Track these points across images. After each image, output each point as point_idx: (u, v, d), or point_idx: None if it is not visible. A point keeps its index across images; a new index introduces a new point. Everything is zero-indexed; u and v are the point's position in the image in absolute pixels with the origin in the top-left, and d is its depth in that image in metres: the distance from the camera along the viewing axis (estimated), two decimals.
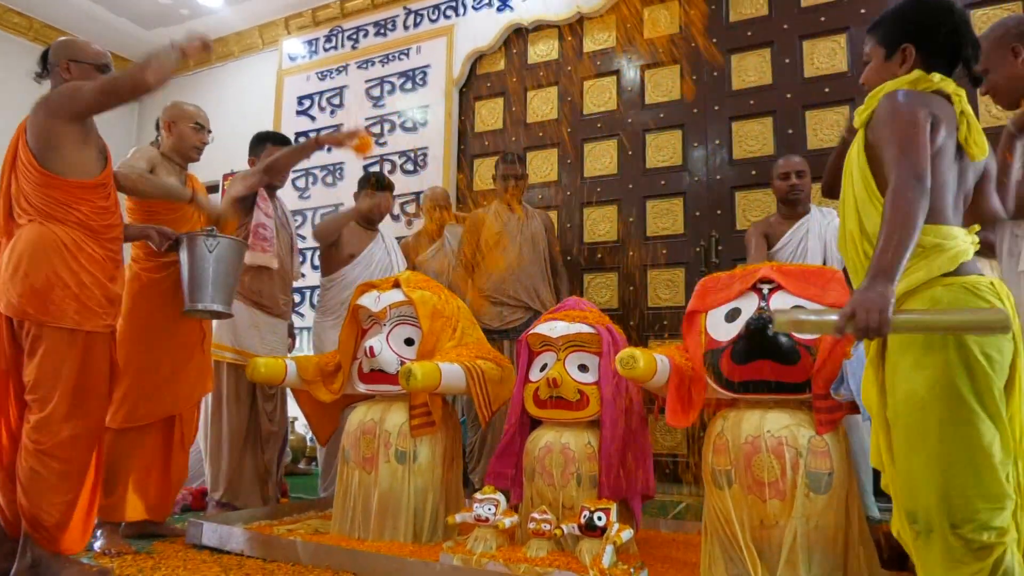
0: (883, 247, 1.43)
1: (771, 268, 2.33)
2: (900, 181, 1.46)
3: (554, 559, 2.19)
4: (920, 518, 1.44)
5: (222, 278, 2.63)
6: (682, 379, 2.32)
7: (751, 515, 2.10)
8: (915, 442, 1.46)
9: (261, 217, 3.24)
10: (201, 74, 6.43)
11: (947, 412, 1.42)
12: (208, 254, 2.59)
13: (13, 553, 2.21)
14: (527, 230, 3.84)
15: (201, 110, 2.99)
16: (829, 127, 3.90)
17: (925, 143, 1.49)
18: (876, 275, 1.41)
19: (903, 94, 1.55)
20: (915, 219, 1.42)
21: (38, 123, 2.25)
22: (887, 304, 1.37)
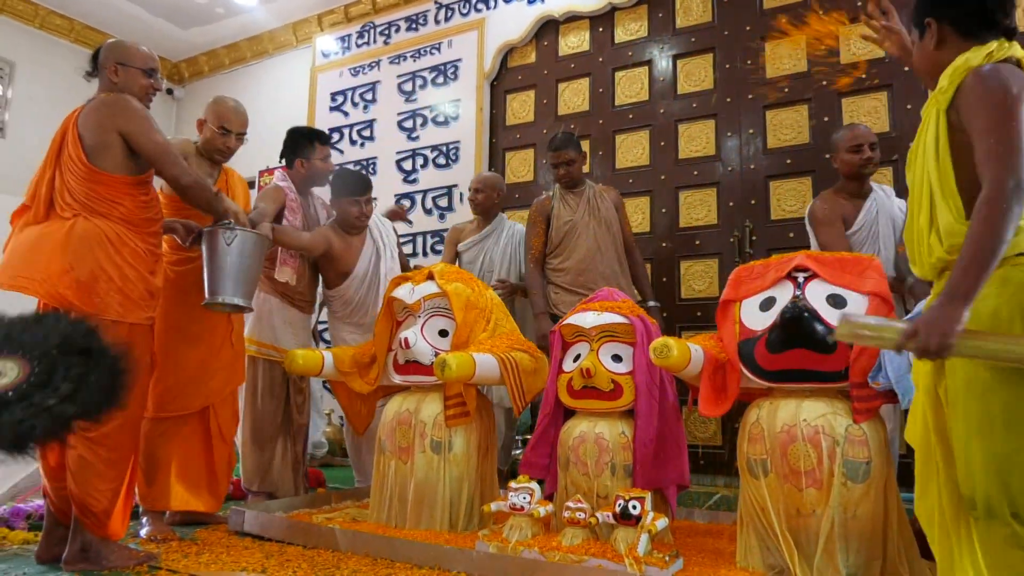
0: (965, 267, 1.36)
1: (806, 256, 2.32)
2: (997, 188, 1.36)
3: (589, 547, 2.20)
4: (979, 504, 1.40)
5: (241, 271, 2.64)
6: (716, 368, 2.32)
7: (787, 504, 2.10)
8: (975, 427, 1.41)
9: None
10: (236, 72, 6.54)
11: (1012, 398, 1.38)
12: (227, 247, 2.60)
13: (64, 539, 2.29)
14: (599, 214, 3.65)
15: (239, 112, 2.95)
16: (866, 114, 3.83)
17: None
18: (952, 296, 1.36)
19: (996, 72, 1.44)
20: (1005, 235, 1.34)
21: (96, 123, 2.32)
22: (954, 329, 1.33)
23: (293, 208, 3.28)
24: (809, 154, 3.93)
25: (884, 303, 2.17)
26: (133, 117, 2.34)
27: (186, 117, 6.73)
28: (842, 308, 2.18)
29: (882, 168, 3.77)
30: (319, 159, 3.43)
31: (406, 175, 5.25)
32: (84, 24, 6.20)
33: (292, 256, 3.26)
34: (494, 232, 3.95)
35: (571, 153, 3.65)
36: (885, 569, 2.04)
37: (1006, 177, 1.35)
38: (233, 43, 6.50)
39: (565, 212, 3.68)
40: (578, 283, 3.57)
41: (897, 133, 3.74)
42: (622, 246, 3.67)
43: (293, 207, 3.28)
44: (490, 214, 3.96)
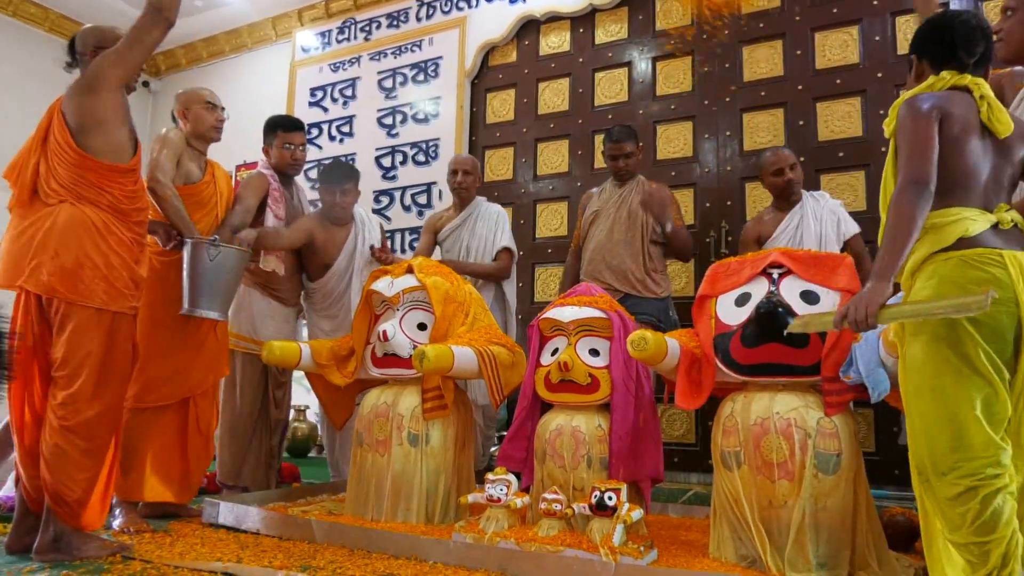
0: (882, 251, 1.65)
1: (781, 253, 2.36)
2: (898, 187, 1.65)
3: (565, 538, 2.22)
4: (920, 468, 1.63)
5: (221, 286, 2.69)
6: (692, 362, 2.35)
7: (760, 496, 2.14)
8: (912, 400, 1.66)
9: (272, 221, 3.28)
10: (214, 65, 6.48)
11: (935, 371, 1.60)
12: (209, 262, 2.64)
13: (34, 529, 2.25)
14: (624, 206, 3.55)
15: (211, 91, 3.04)
16: (840, 119, 3.91)
17: (928, 146, 1.65)
18: (874, 274, 1.64)
19: (914, 100, 1.72)
20: (910, 222, 1.60)
21: (78, 102, 2.29)
22: (876, 301, 1.60)
23: (276, 197, 3.27)
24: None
25: None
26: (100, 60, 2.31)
27: (163, 110, 6.65)
28: (815, 304, 2.23)
29: (854, 172, 3.86)
30: (279, 146, 3.38)
31: (385, 172, 5.24)
32: (59, 13, 6.11)
33: None
34: (471, 216, 3.84)
35: (629, 146, 3.57)
36: (854, 559, 2.08)
37: (905, 178, 1.65)
38: (211, 36, 6.44)
39: (596, 203, 3.65)
40: (588, 273, 3.55)
41: (870, 137, 3.82)
42: (648, 241, 3.51)
43: (276, 196, 3.27)
44: (469, 198, 3.88)
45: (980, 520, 1.51)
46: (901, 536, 2.39)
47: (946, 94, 1.72)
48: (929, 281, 1.64)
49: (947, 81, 1.75)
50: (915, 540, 2.40)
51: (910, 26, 3.82)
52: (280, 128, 3.40)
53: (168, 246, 2.71)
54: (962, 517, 1.53)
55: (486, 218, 3.83)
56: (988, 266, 1.59)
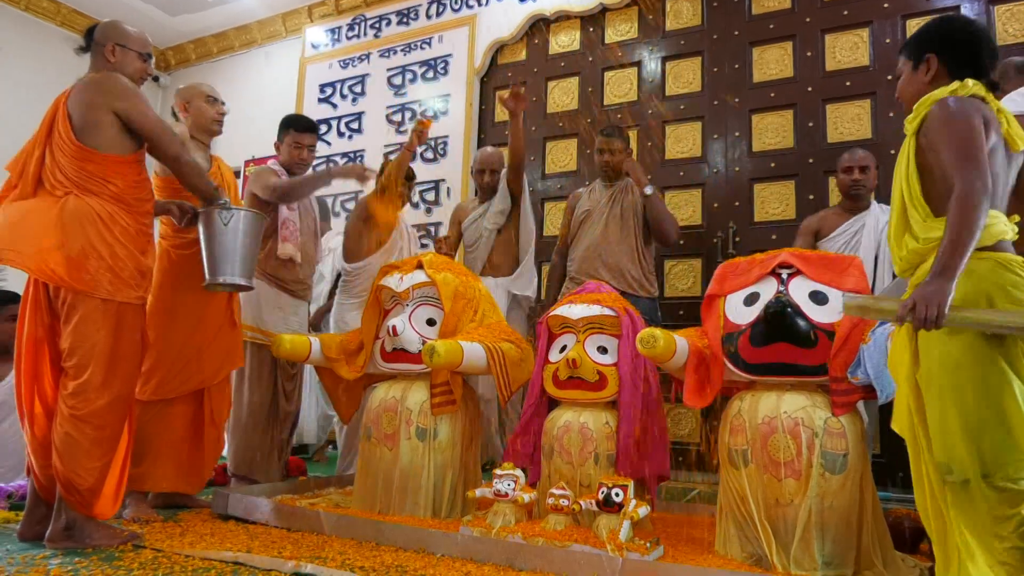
0: (949, 248, 1.59)
1: (790, 253, 2.37)
2: (967, 187, 1.61)
3: (572, 534, 2.23)
4: (956, 469, 1.59)
5: (240, 250, 2.63)
6: (700, 360, 2.36)
7: (766, 494, 2.15)
8: (949, 399, 1.61)
9: (285, 212, 3.31)
10: (223, 61, 6.51)
11: (980, 373, 1.58)
12: (224, 226, 2.59)
13: (46, 517, 2.29)
14: (617, 206, 3.61)
15: (211, 86, 3.08)
16: (850, 121, 3.91)
17: (983, 147, 1.65)
18: (940, 272, 1.59)
19: (954, 100, 1.71)
20: (979, 223, 1.58)
21: (87, 102, 2.32)
22: (945, 300, 1.55)
23: None
24: (793, 158, 4.01)
25: None
26: (126, 95, 2.35)
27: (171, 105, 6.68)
28: (824, 304, 2.24)
29: None
30: (289, 144, 3.43)
31: None
32: (71, 8, 6.14)
33: (293, 233, 3.27)
34: (491, 208, 3.83)
35: (618, 143, 3.64)
36: (859, 559, 2.09)
37: (973, 177, 1.61)
38: (221, 32, 6.47)
39: (586, 202, 3.70)
40: (581, 271, 3.58)
41: (879, 140, 3.83)
42: (641, 240, 3.59)
43: None
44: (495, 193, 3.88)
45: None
46: (907, 537, 2.39)
47: (977, 102, 1.73)
48: (968, 278, 1.62)
49: (970, 89, 1.75)
50: (920, 542, 2.41)
51: None
52: (292, 127, 3.45)
53: (183, 222, 2.70)
54: (1008, 520, 1.52)
55: None
56: (1021, 270, 1.63)
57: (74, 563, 2.02)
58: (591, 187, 3.76)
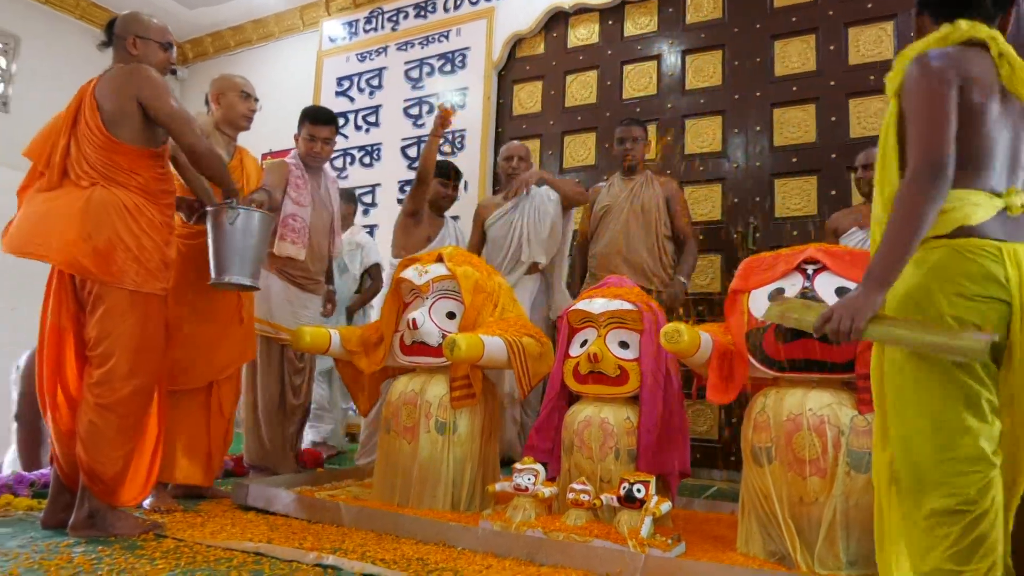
0: (882, 251, 1.44)
1: (816, 249, 2.34)
2: (912, 173, 1.42)
3: (592, 529, 2.22)
4: (900, 476, 1.46)
5: (247, 250, 2.61)
6: (723, 356, 2.34)
7: (791, 492, 2.13)
8: (892, 403, 1.49)
9: (291, 207, 3.27)
10: (241, 54, 6.52)
11: (921, 372, 1.43)
12: (230, 226, 2.57)
13: (69, 505, 2.30)
14: (637, 200, 3.57)
15: (247, 80, 3.06)
16: (873, 115, 3.86)
17: (945, 120, 1.42)
18: (866, 281, 1.45)
19: (928, 56, 1.48)
20: (919, 219, 1.40)
21: (116, 92, 2.32)
22: (864, 313, 1.42)
23: (297, 184, 3.28)
24: (815, 153, 3.96)
25: None
26: (150, 83, 2.34)
27: (190, 98, 6.70)
28: None
29: None
30: (304, 137, 3.42)
31: (411, 162, 5.25)
32: (90, 1, 6.17)
33: (295, 231, 3.25)
34: (523, 202, 3.78)
35: (637, 131, 3.66)
36: None
37: (922, 161, 1.41)
38: (239, 25, 6.47)
39: (606, 197, 3.68)
40: (602, 267, 3.56)
41: None
42: (662, 236, 3.57)
43: (297, 183, 3.29)
44: None
45: (956, 548, 1.34)
46: None
47: (961, 52, 1.48)
48: (916, 269, 1.46)
49: (963, 33, 1.50)
50: None
51: None
52: (308, 120, 3.43)
53: (193, 219, 2.70)
54: (938, 540, 1.36)
55: (541, 200, 3.77)
56: (982, 258, 1.41)
57: (97, 551, 2.03)
58: (610, 181, 3.74)
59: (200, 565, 1.93)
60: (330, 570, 1.94)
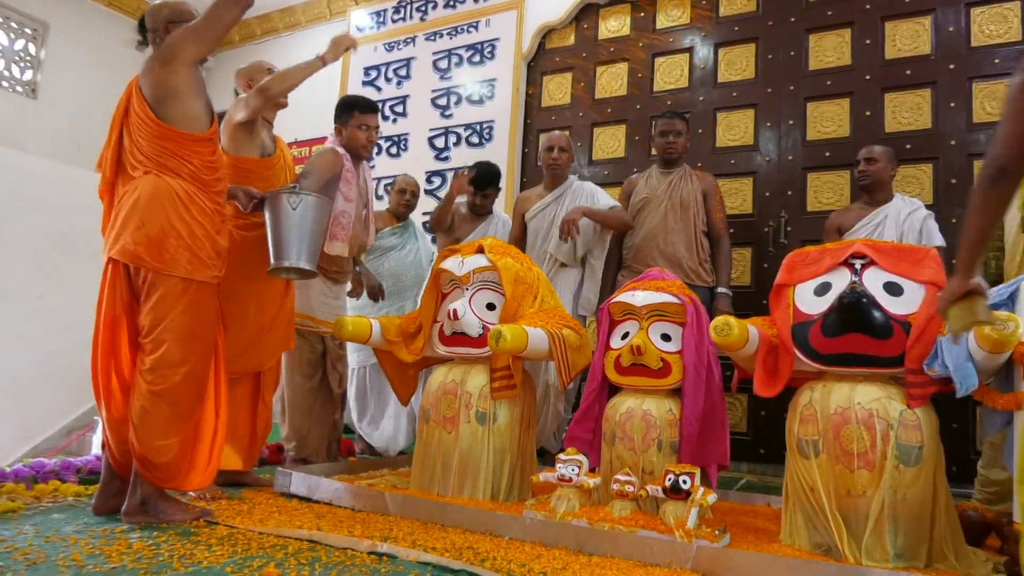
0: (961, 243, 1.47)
1: (864, 243, 2.34)
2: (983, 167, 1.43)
3: (638, 519, 2.24)
4: None
5: (306, 235, 2.63)
6: (769, 350, 2.35)
7: (838, 485, 2.14)
8: None
9: (342, 204, 3.23)
10: (268, 43, 6.54)
11: None
12: (292, 211, 2.59)
13: (120, 492, 2.33)
14: (676, 194, 3.59)
15: (274, 65, 3.11)
16: (909, 110, 3.85)
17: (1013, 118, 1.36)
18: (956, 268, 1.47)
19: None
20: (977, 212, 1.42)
21: (154, 75, 2.34)
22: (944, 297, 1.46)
23: (348, 179, 3.22)
24: (848, 148, 3.95)
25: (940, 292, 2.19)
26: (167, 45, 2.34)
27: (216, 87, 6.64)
28: (899, 295, 2.22)
29: (921, 165, 3.80)
30: (355, 126, 3.34)
31: (438, 152, 5.26)
32: None
33: (344, 228, 3.25)
34: (564, 194, 3.80)
35: (679, 125, 3.65)
36: (931, 552, 2.08)
37: (987, 156, 1.42)
38: (265, 14, 6.49)
39: (644, 189, 3.68)
40: (638, 259, 3.58)
41: (939, 130, 3.76)
42: (699, 230, 3.59)
43: (348, 177, 3.23)
44: (564, 176, 3.86)
45: None
46: (974, 532, 2.37)
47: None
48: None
49: None
50: (987, 536, 2.39)
51: (985, 17, 3.74)
52: (357, 109, 3.36)
53: (249, 207, 2.70)
54: None
55: (582, 195, 3.79)
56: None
57: (154, 537, 2.06)
58: (647, 173, 3.73)
59: (256, 552, 1.96)
60: (384, 558, 1.96)
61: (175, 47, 2.34)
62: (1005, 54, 3.66)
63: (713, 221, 3.63)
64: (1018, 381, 2.03)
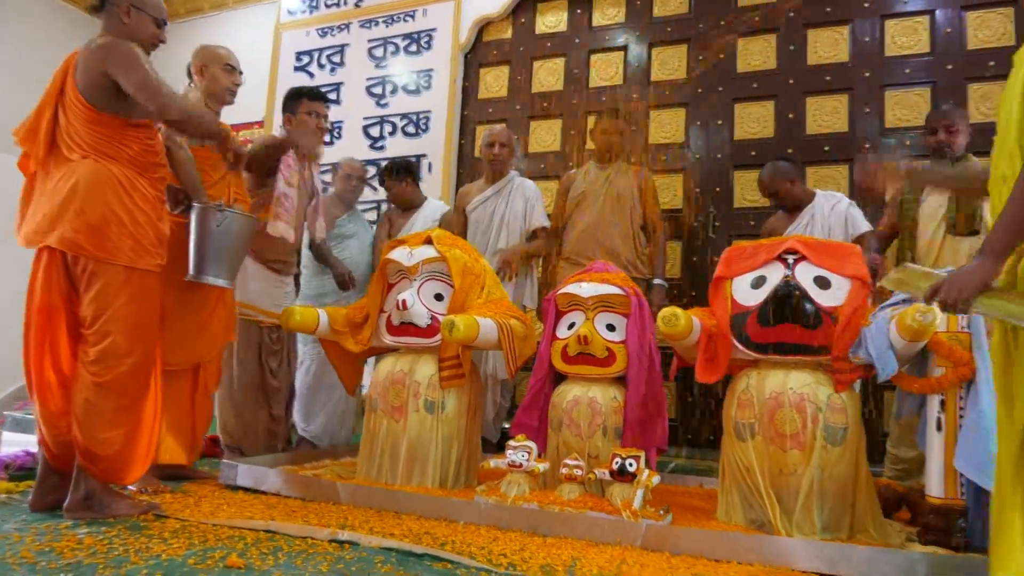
0: (1002, 224, 1.37)
1: (796, 240, 2.51)
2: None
3: (587, 501, 2.34)
4: None
5: (228, 253, 2.63)
6: (710, 339, 2.49)
7: (771, 464, 2.30)
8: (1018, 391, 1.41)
9: (282, 187, 3.18)
10: (194, 22, 6.30)
11: None
12: (216, 228, 2.58)
13: (57, 487, 2.26)
14: (613, 188, 3.71)
15: (231, 52, 3.00)
16: (828, 114, 4.09)
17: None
18: (983, 252, 1.39)
19: None
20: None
21: (94, 68, 2.25)
22: (974, 285, 1.37)
23: (289, 164, 3.21)
24: (772, 148, 4.16)
25: (864, 285, 2.39)
26: (117, 57, 2.25)
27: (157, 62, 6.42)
28: (827, 289, 2.39)
29: (838, 166, 4.05)
30: (303, 113, 3.34)
31: (373, 141, 5.22)
32: None
33: (287, 211, 3.21)
34: (507, 188, 3.91)
35: (620, 124, 3.78)
36: (853, 523, 2.27)
37: None
38: None
39: (582, 184, 3.78)
40: (577, 252, 3.68)
41: (855, 134, 4.02)
42: (635, 223, 3.71)
43: (289, 163, 3.22)
44: (504, 171, 3.94)
45: None
46: (887, 505, 2.58)
47: None
48: None
49: None
50: (898, 510, 2.61)
51: (898, 29, 4.02)
52: (306, 97, 3.38)
53: (176, 210, 2.67)
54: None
55: (523, 192, 3.89)
56: None
57: (103, 532, 2.02)
58: (585, 168, 3.84)
59: (213, 544, 1.95)
60: (346, 545, 1.99)
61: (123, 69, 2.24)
62: (915, 64, 3.94)
63: (649, 214, 3.76)
64: (932, 368, 2.23)
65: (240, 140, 2.93)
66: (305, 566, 1.78)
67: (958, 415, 2.17)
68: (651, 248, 3.77)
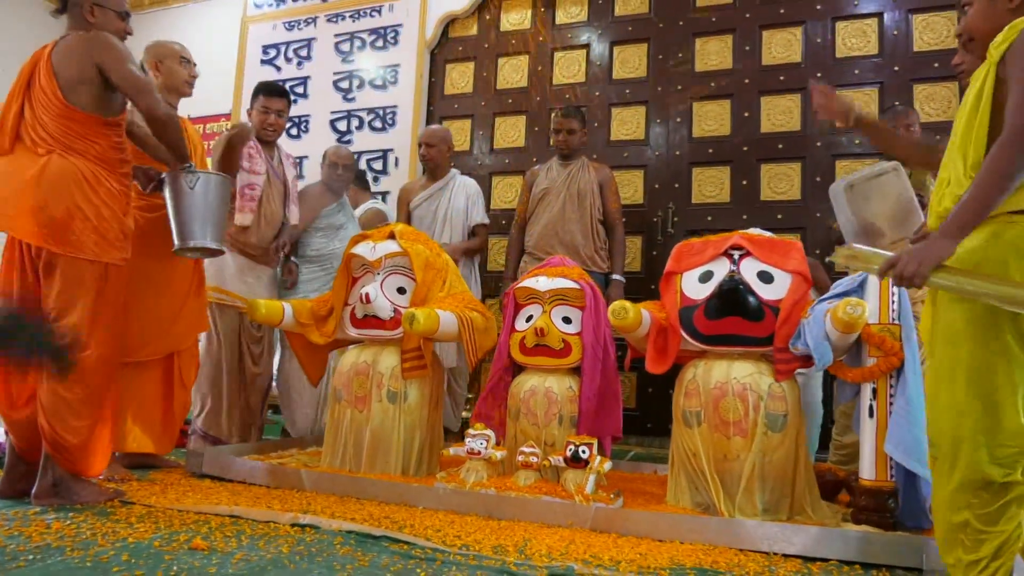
0: (966, 202, 1.43)
1: (741, 236, 2.63)
2: (1012, 135, 1.40)
3: (542, 487, 2.45)
4: (938, 444, 1.50)
5: (208, 213, 2.62)
6: (660, 331, 2.61)
7: (716, 450, 2.42)
8: (944, 372, 1.49)
9: (245, 177, 3.31)
10: (155, 14, 6.26)
11: (980, 346, 1.43)
12: (190, 190, 2.58)
13: (26, 475, 2.32)
14: (574, 185, 3.81)
15: (183, 45, 3.05)
16: (782, 113, 4.23)
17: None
18: (946, 229, 1.44)
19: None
20: (1010, 180, 1.39)
21: (77, 59, 2.29)
22: (931, 259, 1.42)
23: (251, 155, 3.31)
24: (729, 145, 4.30)
25: (804, 280, 2.52)
26: (111, 50, 2.32)
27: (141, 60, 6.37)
28: (770, 283, 2.52)
29: (791, 163, 4.20)
30: (257, 109, 3.48)
31: (340, 136, 5.26)
32: None
33: (251, 200, 3.29)
34: (446, 187, 4.03)
35: (574, 123, 3.84)
36: (792, 505, 2.40)
37: (1016, 123, 1.40)
38: None
39: (544, 180, 3.88)
40: (538, 247, 3.78)
41: (806, 133, 4.17)
42: (595, 219, 3.80)
43: (251, 154, 3.32)
44: (441, 169, 4.06)
45: (985, 511, 1.42)
46: (828, 489, 2.72)
47: None
48: (992, 241, 1.44)
49: None
50: (839, 492, 2.76)
51: (848, 31, 4.17)
52: (262, 93, 3.50)
53: (149, 188, 2.68)
54: (966, 502, 1.43)
55: (463, 191, 4.03)
56: None
57: (71, 518, 2.08)
58: (548, 165, 3.93)
59: (179, 528, 2.02)
60: (308, 529, 2.07)
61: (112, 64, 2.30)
62: (864, 65, 4.10)
63: (609, 211, 3.86)
64: (865, 357, 2.37)
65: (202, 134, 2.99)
66: (267, 548, 1.86)
67: (888, 402, 2.31)
68: (611, 243, 3.87)
